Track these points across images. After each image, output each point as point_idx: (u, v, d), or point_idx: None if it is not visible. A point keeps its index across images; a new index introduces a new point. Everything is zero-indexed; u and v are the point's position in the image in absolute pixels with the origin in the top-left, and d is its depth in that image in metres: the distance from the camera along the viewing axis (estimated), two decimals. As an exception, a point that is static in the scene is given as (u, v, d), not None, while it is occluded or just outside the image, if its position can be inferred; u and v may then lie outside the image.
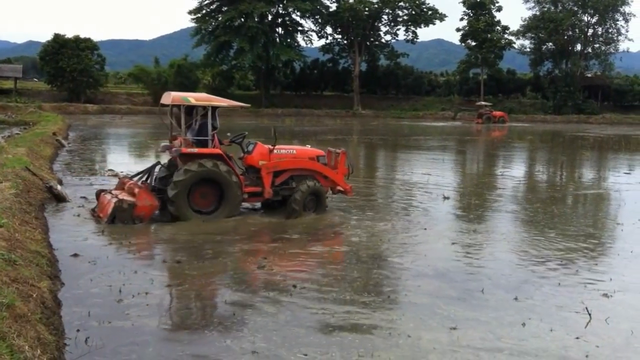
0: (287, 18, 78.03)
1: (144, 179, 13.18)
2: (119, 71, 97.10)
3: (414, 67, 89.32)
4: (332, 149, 14.52)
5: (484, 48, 78.82)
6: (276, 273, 9.21)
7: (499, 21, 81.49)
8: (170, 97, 12.43)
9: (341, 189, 14.10)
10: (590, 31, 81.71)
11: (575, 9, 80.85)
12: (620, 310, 7.94)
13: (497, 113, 65.52)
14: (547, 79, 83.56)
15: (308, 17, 78.35)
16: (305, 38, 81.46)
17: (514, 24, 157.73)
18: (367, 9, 76.81)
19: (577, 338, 6.98)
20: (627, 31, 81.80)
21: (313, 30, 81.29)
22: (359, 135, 45.23)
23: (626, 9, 79.68)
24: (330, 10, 77.46)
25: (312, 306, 7.79)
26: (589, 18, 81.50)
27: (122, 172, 19.34)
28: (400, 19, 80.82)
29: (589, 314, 7.60)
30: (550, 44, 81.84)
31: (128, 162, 23.81)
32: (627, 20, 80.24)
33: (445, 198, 16.28)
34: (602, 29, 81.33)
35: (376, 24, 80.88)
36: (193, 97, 12.68)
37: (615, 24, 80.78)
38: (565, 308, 7.98)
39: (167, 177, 12.74)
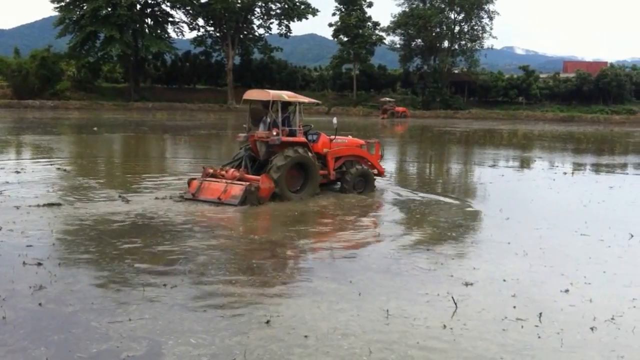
0: (156, 8, 75.99)
1: (233, 165, 15.33)
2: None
3: (287, 61, 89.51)
4: (368, 140, 17.71)
5: (356, 44, 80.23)
6: (158, 261, 9.26)
7: (369, 17, 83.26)
8: (270, 94, 14.61)
9: (375, 171, 16.90)
10: (457, 28, 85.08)
11: (443, 6, 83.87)
12: (482, 297, 8.15)
13: (399, 108, 69.47)
14: (417, 75, 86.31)
15: (179, 8, 76.67)
16: (176, 29, 79.93)
17: (385, 21, 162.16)
18: (239, 1, 76.09)
19: (444, 327, 7.05)
20: (491, 29, 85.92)
21: (184, 22, 79.77)
22: (233, 130, 44.66)
23: (490, 7, 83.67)
24: (202, 1, 76.00)
25: (198, 291, 7.97)
26: (456, 15, 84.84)
27: None
28: (273, 13, 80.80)
29: (455, 303, 7.75)
30: (419, 40, 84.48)
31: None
32: (491, 18, 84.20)
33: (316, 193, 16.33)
34: (468, 26, 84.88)
35: (249, 17, 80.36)
36: (285, 95, 15.06)
37: (480, 22, 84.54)
38: (432, 296, 8.12)
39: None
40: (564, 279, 9.00)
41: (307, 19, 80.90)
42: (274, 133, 14.46)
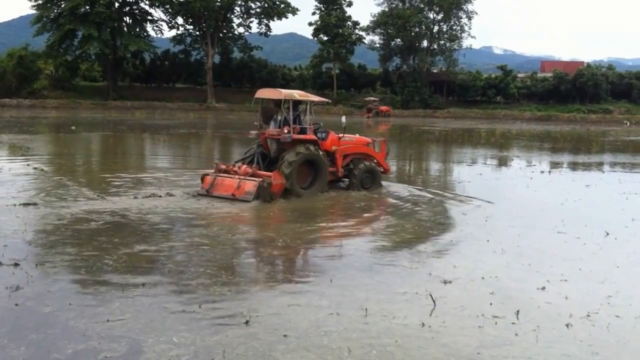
0: (135, 6, 75.43)
1: (247, 161, 15.68)
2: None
3: (267, 60, 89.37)
4: (374, 138, 18.05)
5: (336, 43, 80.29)
6: (137, 260, 9.18)
7: (349, 16, 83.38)
8: (282, 93, 15.18)
9: (381, 168, 17.29)
10: (436, 28, 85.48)
11: (422, 6, 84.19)
12: (460, 295, 8.23)
13: (383, 108, 70.75)
14: (396, 74, 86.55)
15: (157, 6, 76.10)
16: (155, 28, 79.41)
17: (365, 20, 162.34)
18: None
19: (423, 324, 7.10)
20: (470, 28, 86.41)
21: (163, 20, 79.24)
22: (213, 129, 44.59)
23: (469, 7, 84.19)
24: (181, -1, 75.55)
25: (177, 290, 7.98)
26: (435, 15, 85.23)
27: None
28: (253, 11, 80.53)
29: (434, 301, 7.80)
30: (399, 40, 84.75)
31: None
32: (470, 18, 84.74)
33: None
34: (447, 26, 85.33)
35: (229, 15, 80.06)
36: (297, 94, 15.60)
37: (459, 22, 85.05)
38: (411, 294, 8.17)
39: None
40: (540, 277, 9.11)
41: (287, 18, 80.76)
42: (285, 131, 14.88)
